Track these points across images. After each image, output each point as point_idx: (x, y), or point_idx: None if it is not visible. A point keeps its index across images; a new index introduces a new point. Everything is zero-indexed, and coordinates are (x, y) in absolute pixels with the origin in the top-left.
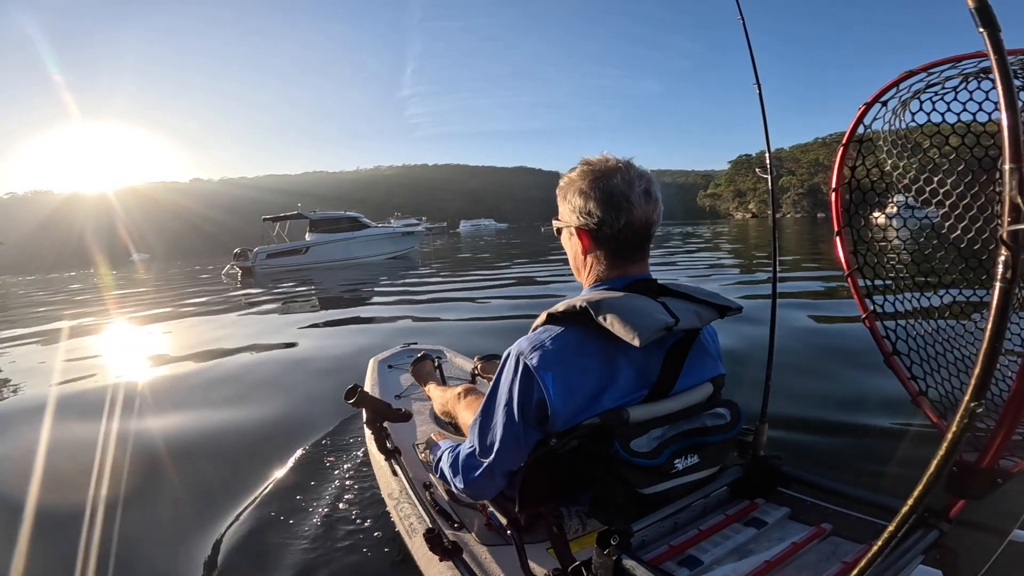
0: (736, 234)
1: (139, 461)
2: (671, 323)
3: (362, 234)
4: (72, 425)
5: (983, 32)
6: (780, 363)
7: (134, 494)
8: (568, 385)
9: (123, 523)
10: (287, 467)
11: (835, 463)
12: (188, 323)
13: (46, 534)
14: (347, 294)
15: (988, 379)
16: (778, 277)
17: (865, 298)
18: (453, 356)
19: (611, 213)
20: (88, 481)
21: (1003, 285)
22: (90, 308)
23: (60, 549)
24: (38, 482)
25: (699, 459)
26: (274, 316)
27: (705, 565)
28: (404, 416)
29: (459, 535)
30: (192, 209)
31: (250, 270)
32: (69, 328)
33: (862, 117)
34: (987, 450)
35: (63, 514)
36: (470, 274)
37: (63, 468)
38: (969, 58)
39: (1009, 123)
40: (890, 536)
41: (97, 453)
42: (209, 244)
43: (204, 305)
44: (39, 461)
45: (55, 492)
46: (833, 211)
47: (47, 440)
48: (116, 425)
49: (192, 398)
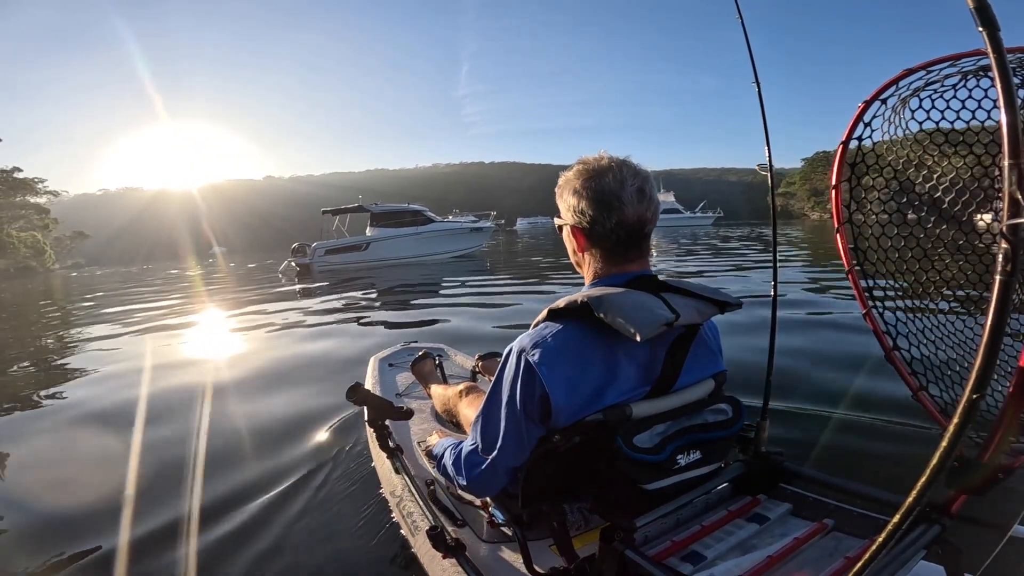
0: (811, 237)
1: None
2: (671, 318)
3: (427, 229)
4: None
5: (982, 31)
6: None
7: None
8: (570, 381)
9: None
10: (290, 466)
11: (837, 459)
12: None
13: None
14: (412, 298)
15: (990, 372)
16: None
17: (865, 293)
18: (454, 354)
19: (603, 212)
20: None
21: (1003, 278)
22: (168, 302)
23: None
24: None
25: (701, 455)
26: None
27: (708, 561)
28: (406, 414)
29: (462, 533)
30: (265, 205)
31: (308, 267)
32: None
33: (862, 114)
34: (988, 444)
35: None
36: (548, 275)
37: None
38: (968, 56)
39: (1008, 120)
40: (892, 531)
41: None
42: (278, 238)
43: (252, 316)
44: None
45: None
46: (833, 208)
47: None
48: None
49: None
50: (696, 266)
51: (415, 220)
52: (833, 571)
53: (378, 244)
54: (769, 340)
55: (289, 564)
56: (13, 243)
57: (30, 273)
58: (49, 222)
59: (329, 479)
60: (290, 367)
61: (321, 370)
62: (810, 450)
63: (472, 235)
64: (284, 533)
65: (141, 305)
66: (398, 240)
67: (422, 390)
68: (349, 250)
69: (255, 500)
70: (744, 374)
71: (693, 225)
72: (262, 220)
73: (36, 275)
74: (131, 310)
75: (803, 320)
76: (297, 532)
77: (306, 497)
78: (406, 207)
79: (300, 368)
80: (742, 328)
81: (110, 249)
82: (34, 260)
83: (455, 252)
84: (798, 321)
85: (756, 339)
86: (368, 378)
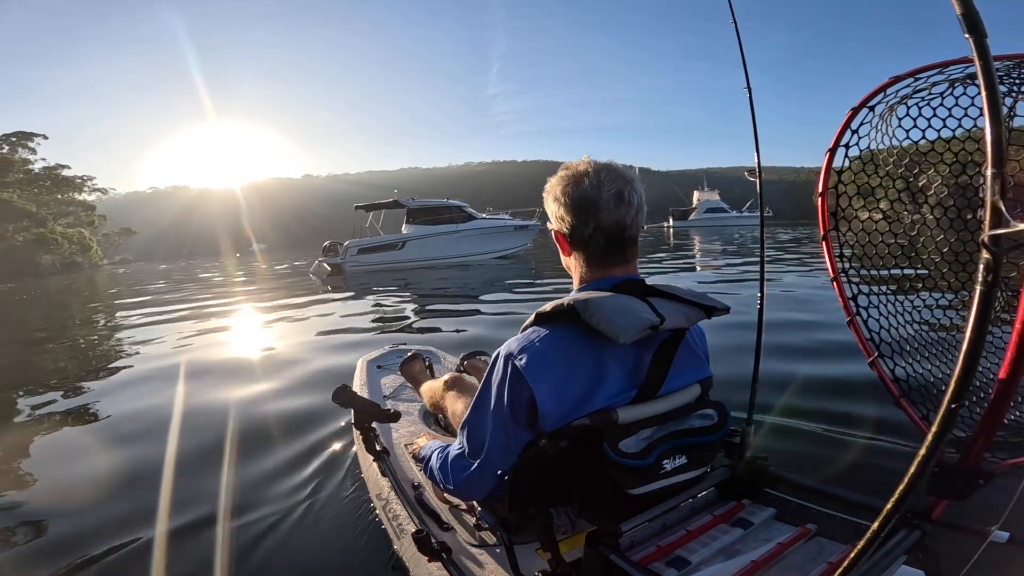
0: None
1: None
2: (656, 322)
3: (468, 227)
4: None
5: (969, 38)
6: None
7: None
8: (557, 386)
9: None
10: (276, 468)
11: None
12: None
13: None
14: (454, 303)
15: (968, 381)
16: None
17: (851, 301)
18: (444, 356)
19: (580, 218)
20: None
21: (984, 288)
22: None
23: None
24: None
25: (687, 460)
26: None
27: (693, 565)
28: (393, 416)
29: (448, 536)
30: (302, 203)
31: (339, 267)
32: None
33: (850, 121)
34: (969, 451)
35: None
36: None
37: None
38: (956, 64)
39: (992, 130)
40: (873, 536)
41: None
42: (314, 236)
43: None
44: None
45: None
46: (820, 215)
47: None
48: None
49: None
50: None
51: (454, 217)
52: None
53: (415, 243)
54: (756, 346)
55: (273, 566)
56: (56, 239)
57: (77, 268)
58: (95, 219)
59: (315, 481)
60: (297, 373)
61: (323, 376)
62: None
63: (516, 234)
64: (268, 535)
65: (160, 308)
66: (436, 239)
67: (410, 392)
68: (384, 249)
69: (239, 502)
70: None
71: (740, 225)
72: (299, 218)
73: (83, 270)
74: (163, 310)
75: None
76: (282, 534)
77: (291, 499)
78: (445, 202)
79: (299, 371)
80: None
81: (158, 245)
82: (80, 256)
83: (498, 252)
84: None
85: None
86: (356, 380)
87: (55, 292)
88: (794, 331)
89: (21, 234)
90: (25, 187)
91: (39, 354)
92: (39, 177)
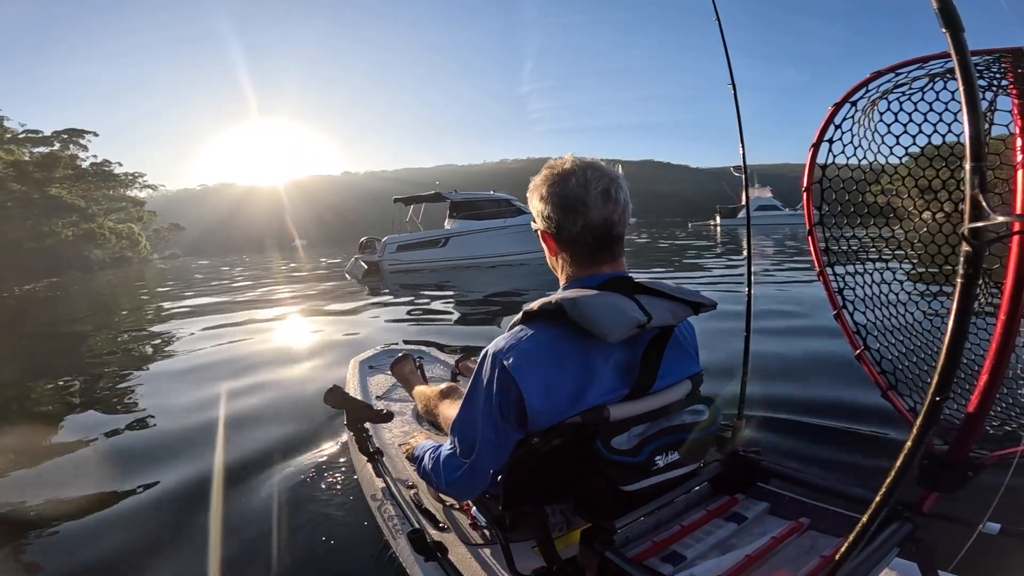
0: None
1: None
2: (643, 320)
3: (515, 222)
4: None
5: (946, 33)
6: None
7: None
8: (545, 384)
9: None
10: (270, 470)
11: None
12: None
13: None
14: (501, 312)
15: (952, 374)
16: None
17: (837, 295)
18: (435, 355)
19: (567, 217)
20: None
21: (965, 281)
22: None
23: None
24: None
25: (679, 456)
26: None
27: (688, 561)
28: (385, 417)
29: (444, 535)
30: (342, 200)
31: (377, 265)
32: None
33: (832, 117)
34: (957, 443)
35: None
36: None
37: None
38: (936, 59)
39: (971, 123)
40: (863, 528)
41: None
42: (353, 232)
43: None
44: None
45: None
46: (805, 210)
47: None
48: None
49: None
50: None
51: (501, 211)
52: (810, 570)
53: (459, 239)
54: (744, 341)
55: (269, 566)
56: (104, 234)
57: (127, 263)
58: (144, 214)
59: (309, 482)
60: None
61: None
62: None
63: None
64: (264, 535)
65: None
66: (483, 235)
67: (402, 392)
68: (425, 246)
69: (235, 501)
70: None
71: (793, 223)
72: (338, 215)
73: (132, 265)
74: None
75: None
76: (277, 536)
77: (286, 500)
78: (490, 195)
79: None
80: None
81: (205, 241)
82: (130, 251)
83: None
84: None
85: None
86: (348, 381)
87: (93, 289)
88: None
89: (70, 229)
90: (74, 183)
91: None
92: (87, 173)
